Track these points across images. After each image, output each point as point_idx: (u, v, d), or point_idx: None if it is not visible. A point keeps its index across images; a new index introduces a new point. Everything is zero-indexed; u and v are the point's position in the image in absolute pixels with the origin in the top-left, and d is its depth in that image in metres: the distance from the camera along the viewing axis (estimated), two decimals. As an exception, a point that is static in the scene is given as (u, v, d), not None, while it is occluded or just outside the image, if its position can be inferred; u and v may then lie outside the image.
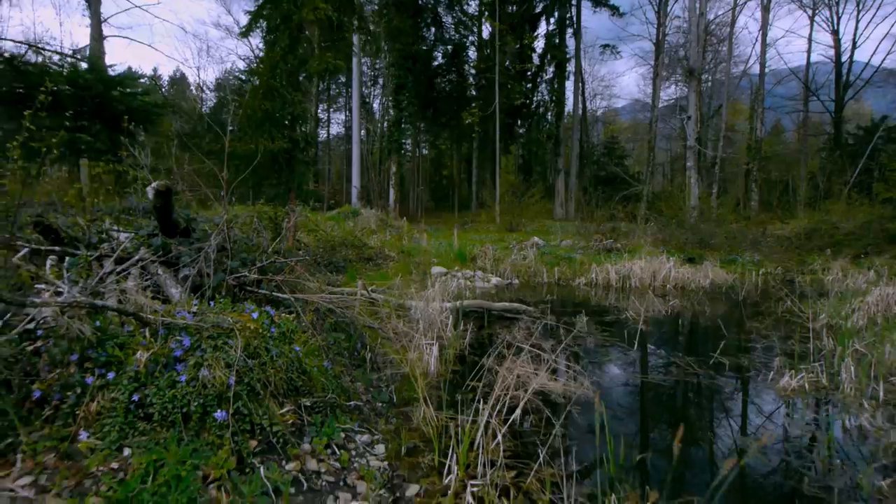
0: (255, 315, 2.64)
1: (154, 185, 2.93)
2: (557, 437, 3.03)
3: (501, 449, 2.70)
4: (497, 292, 9.50)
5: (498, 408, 3.12)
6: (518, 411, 3.09)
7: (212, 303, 2.74)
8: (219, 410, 2.24)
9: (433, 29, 28.95)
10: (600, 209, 20.72)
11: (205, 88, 39.22)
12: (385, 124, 30.75)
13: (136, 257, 2.92)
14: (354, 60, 21.85)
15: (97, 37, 17.95)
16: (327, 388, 2.73)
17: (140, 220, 4.19)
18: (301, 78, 6.87)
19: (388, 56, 23.57)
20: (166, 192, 2.97)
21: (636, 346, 5.32)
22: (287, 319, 2.84)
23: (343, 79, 34.84)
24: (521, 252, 12.57)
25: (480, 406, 2.92)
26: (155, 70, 46.94)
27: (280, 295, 3.31)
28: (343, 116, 39.40)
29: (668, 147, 41.22)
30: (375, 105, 36.83)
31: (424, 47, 27.48)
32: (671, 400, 4.06)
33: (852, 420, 3.54)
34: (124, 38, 19.82)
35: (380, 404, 3.41)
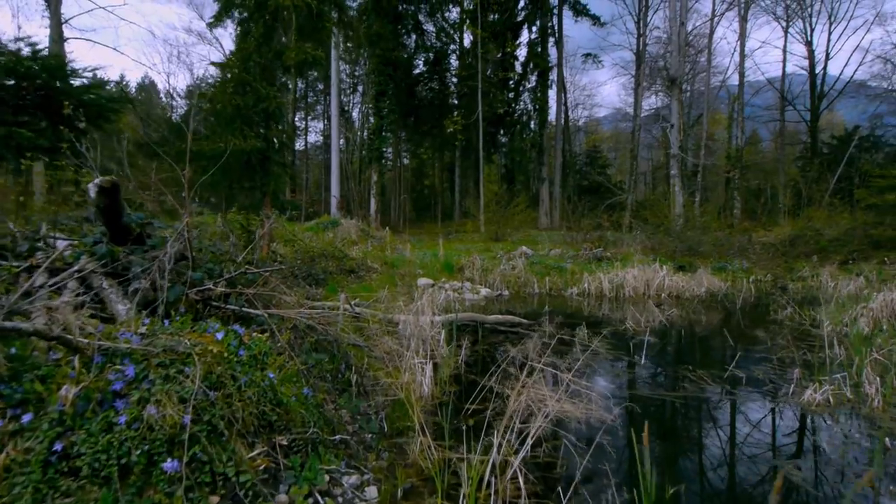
0: (219, 335, 2.17)
1: (97, 180, 2.46)
2: (579, 471, 2.61)
3: (523, 489, 2.27)
4: (487, 304, 9.11)
5: (508, 437, 2.69)
6: (530, 441, 2.67)
7: (166, 322, 2.26)
8: (169, 459, 1.76)
9: (414, 36, 28.75)
10: (586, 218, 20.60)
11: (175, 95, 38.12)
12: (365, 132, 30.34)
13: (75, 268, 2.43)
14: (333, 65, 21.45)
15: (57, 38, 17.06)
16: (307, 422, 2.26)
17: (93, 227, 3.67)
18: (280, 78, 6.39)
19: (368, 62, 23.23)
20: (112, 189, 2.49)
21: (643, 359, 4.96)
22: (259, 340, 2.37)
23: (321, 86, 34.38)
24: (510, 262, 12.22)
25: (488, 436, 2.49)
26: (122, 76, 45.42)
27: (252, 311, 2.84)
28: (321, 125, 38.79)
29: (649, 156, 41.73)
30: (355, 114, 36.37)
31: (405, 55, 27.24)
32: (693, 419, 3.69)
33: (892, 439, 3.21)
34: (87, 40, 18.89)
35: (369, 435, 2.95)
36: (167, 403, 1.74)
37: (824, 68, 27.46)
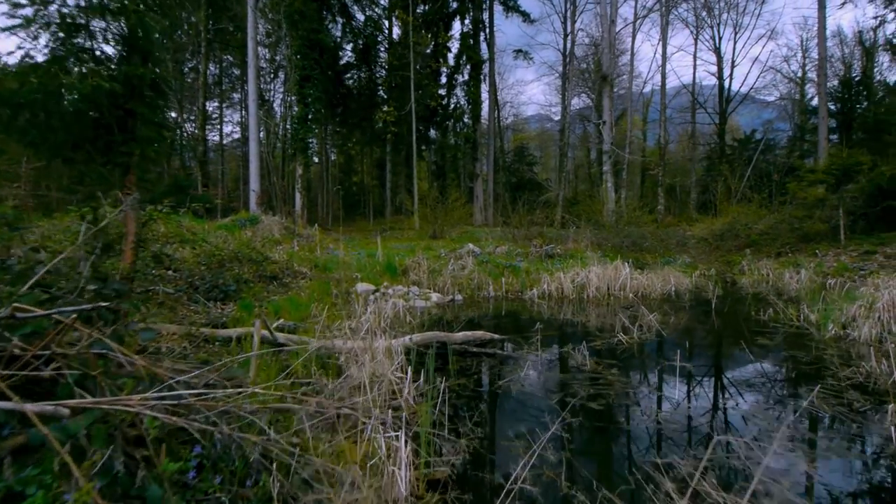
0: None
1: None
2: None
3: None
4: (441, 312, 7.71)
5: None
6: None
7: None
8: None
9: (341, 21, 26.60)
10: (523, 214, 19.95)
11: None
12: (288, 123, 27.57)
13: None
14: (250, 45, 18.90)
15: None
16: None
17: None
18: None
19: (291, 45, 20.78)
20: None
21: (676, 391, 3.82)
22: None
23: (237, 71, 31.01)
24: (458, 262, 10.92)
25: None
26: (27, 52, 38.29)
27: (12, 406, 1.21)
28: (238, 116, 35.06)
29: (573, 155, 42.70)
30: (276, 105, 33.17)
31: (332, 41, 25.00)
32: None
33: None
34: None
35: None
36: None
37: (731, 74, 29.35)
